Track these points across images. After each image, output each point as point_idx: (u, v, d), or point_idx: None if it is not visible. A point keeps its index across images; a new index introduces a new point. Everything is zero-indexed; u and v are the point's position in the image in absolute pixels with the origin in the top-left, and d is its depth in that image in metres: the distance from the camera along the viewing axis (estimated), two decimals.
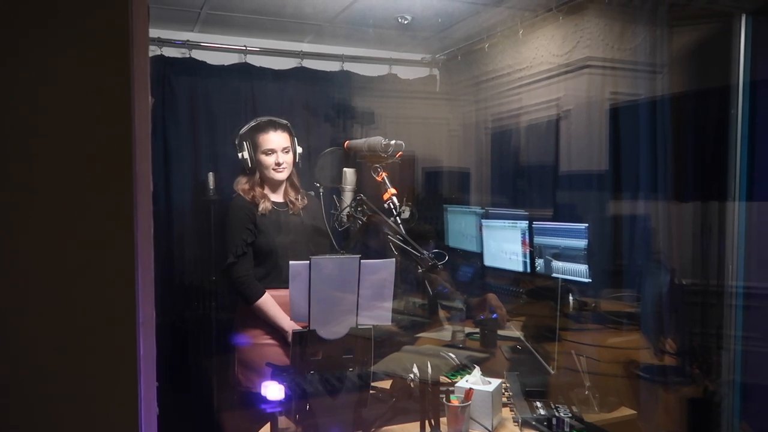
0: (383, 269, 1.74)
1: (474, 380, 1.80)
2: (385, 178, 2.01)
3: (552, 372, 2.03)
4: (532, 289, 2.63)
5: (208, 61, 3.09)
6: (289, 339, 2.09)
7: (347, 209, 2.05)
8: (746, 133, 2.28)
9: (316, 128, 3.23)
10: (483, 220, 2.97)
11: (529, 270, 2.64)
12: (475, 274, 3.05)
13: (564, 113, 2.89)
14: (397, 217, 1.93)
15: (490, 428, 1.72)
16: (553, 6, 2.78)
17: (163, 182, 2.94)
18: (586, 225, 2.36)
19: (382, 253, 1.85)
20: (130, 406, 0.87)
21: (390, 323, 1.77)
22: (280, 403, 1.65)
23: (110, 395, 0.86)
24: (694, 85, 2.55)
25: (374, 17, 3.00)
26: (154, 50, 2.95)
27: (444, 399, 1.74)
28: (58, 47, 0.81)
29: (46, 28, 0.80)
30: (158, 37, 2.95)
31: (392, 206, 1.95)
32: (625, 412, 1.94)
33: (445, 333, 2.56)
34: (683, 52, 2.58)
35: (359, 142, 2.17)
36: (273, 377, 1.69)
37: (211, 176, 2.83)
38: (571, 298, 2.38)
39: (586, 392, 1.91)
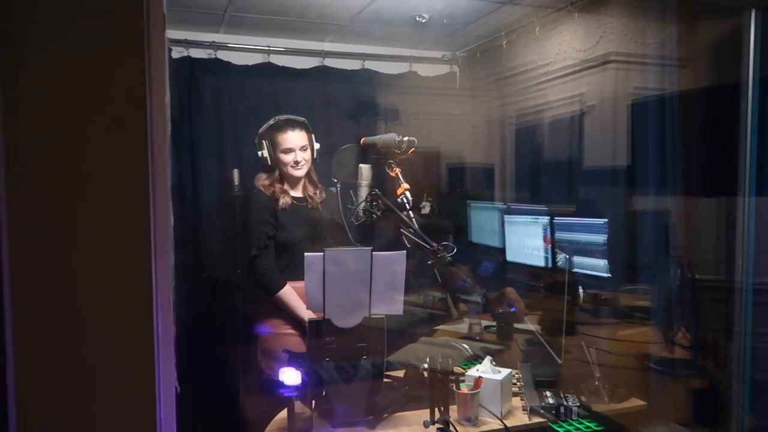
0: (395, 261, 1.79)
1: (484, 369, 1.85)
2: (399, 173, 2.06)
3: (560, 362, 2.05)
4: (551, 283, 2.65)
5: (233, 62, 3.19)
6: None
7: (363, 204, 2.11)
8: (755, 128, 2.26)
9: (339, 126, 3.29)
10: (505, 216, 2.99)
11: (550, 265, 2.65)
12: (496, 268, 3.07)
13: (588, 108, 2.89)
14: (410, 212, 1.98)
15: (498, 415, 1.77)
16: (573, 1, 2.78)
17: (191, 179, 3.05)
18: (605, 220, 2.37)
19: (395, 247, 1.90)
20: (148, 383, 0.94)
21: (401, 313, 1.82)
22: (296, 388, 1.72)
23: (129, 372, 0.93)
24: (719, 79, 2.52)
25: (392, 16, 3.06)
26: (181, 51, 3.06)
27: (454, 387, 1.79)
28: (73, 47, 0.87)
29: (62, 29, 0.87)
30: (185, 39, 3.07)
31: (405, 201, 2.01)
32: (635, 403, 1.96)
33: (463, 325, 2.60)
34: (707, 46, 2.55)
35: (374, 138, 2.23)
36: (289, 363, 1.77)
37: (236, 172, 2.91)
38: (582, 292, 2.39)
39: (596, 383, 1.94)
